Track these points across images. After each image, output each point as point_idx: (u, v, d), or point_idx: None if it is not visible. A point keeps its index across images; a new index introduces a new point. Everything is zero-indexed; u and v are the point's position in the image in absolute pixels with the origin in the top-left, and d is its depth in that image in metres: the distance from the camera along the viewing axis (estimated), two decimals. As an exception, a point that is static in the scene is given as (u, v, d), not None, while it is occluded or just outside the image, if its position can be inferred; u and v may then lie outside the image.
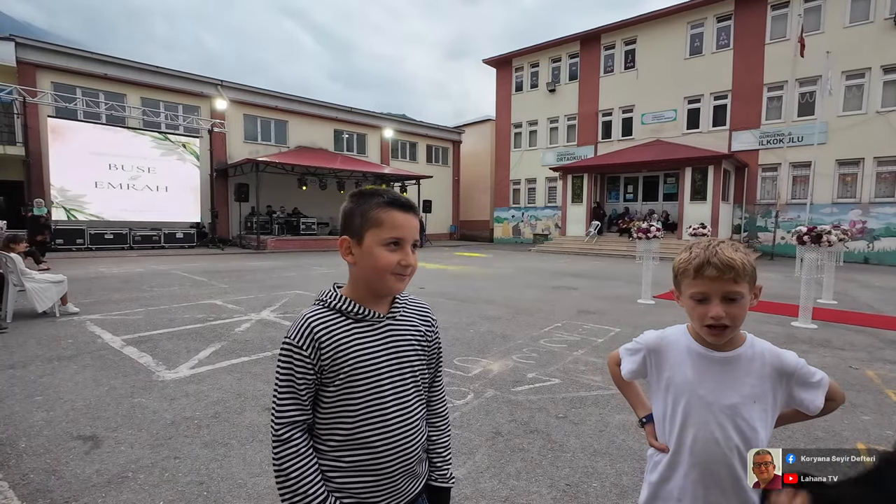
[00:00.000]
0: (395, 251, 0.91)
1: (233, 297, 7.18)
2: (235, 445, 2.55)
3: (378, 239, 0.91)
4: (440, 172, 26.92)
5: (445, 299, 7.17)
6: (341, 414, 0.91)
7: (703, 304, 0.99)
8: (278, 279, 9.34)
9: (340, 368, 0.90)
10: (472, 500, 2.11)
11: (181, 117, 17.86)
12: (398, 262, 0.91)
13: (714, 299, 0.97)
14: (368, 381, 0.91)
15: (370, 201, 0.93)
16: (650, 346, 1.11)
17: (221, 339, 4.71)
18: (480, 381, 3.65)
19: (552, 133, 23.70)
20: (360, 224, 0.92)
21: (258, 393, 3.31)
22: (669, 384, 1.07)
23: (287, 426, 0.89)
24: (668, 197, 19.32)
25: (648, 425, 1.15)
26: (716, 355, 1.02)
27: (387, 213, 0.92)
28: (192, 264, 11.98)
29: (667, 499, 1.08)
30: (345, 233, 0.95)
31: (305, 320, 0.91)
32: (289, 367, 0.89)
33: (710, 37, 18.51)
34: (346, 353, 0.90)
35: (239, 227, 19.37)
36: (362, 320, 0.94)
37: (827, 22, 16.09)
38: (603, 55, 21.63)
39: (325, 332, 0.90)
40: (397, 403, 0.95)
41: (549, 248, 19.49)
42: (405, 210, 0.94)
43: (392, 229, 0.91)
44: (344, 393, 0.91)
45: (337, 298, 0.94)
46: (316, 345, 0.89)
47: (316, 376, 0.90)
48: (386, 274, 0.92)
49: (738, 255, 0.97)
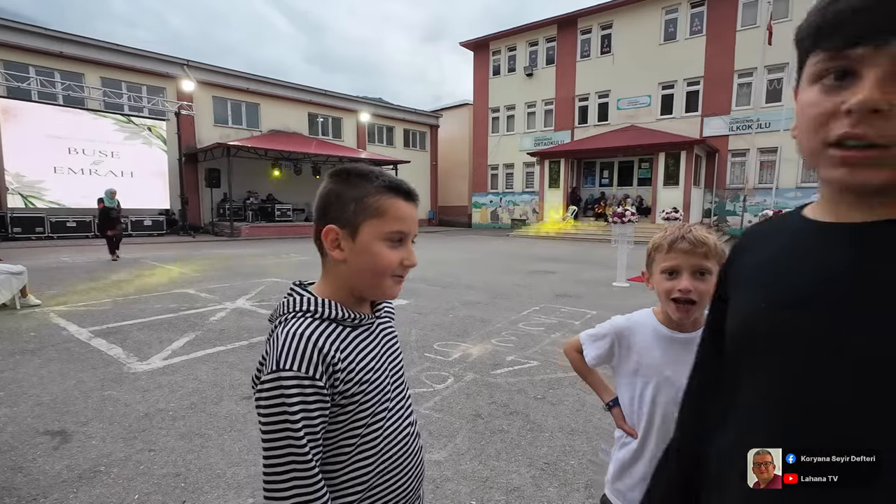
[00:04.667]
0: (396, 248, 0.77)
1: (206, 285, 7.00)
2: (213, 436, 2.52)
3: (379, 232, 0.75)
4: (418, 157, 26.67)
5: (426, 285, 7.18)
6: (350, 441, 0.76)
7: (673, 278, 1.03)
8: (254, 267, 9.14)
9: (353, 392, 0.74)
10: (453, 481, 2.14)
11: (145, 99, 17.05)
12: (400, 262, 0.77)
13: (684, 273, 1.02)
14: (378, 397, 0.78)
15: (367, 185, 0.76)
16: (618, 331, 1.14)
17: (196, 329, 4.59)
18: (460, 364, 3.69)
19: (529, 118, 23.70)
20: (355, 212, 0.75)
21: (235, 382, 3.26)
22: (639, 367, 1.10)
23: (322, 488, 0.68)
24: (643, 182, 19.69)
25: (615, 409, 1.18)
26: (681, 336, 1.06)
27: (390, 202, 0.76)
28: (162, 252, 11.60)
29: (633, 477, 1.12)
30: (331, 221, 0.76)
31: (307, 340, 0.70)
32: (300, 406, 0.67)
33: (684, 22, 18.71)
34: (357, 370, 0.75)
35: (211, 214, 18.79)
36: (359, 326, 0.79)
37: (795, 10, 16.45)
38: (580, 39, 21.63)
39: (334, 351, 0.72)
40: (406, 412, 0.86)
41: (526, 232, 19.67)
42: (409, 199, 0.78)
43: (396, 221, 0.76)
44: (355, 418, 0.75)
45: (328, 306, 0.75)
46: (329, 369, 0.70)
47: (330, 410, 0.71)
48: (386, 276, 0.77)
49: (710, 236, 1.04)
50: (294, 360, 0.68)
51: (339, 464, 0.75)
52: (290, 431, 0.66)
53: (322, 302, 0.76)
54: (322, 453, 0.73)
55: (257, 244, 14.62)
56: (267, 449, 0.67)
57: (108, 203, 9.90)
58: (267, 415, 0.67)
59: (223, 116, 19.97)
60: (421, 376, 3.42)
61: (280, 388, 0.67)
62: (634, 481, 1.12)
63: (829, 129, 0.45)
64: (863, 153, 0.43)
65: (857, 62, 0.44)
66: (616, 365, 1.16)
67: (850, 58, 0.44)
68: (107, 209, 9.85)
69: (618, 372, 1.16)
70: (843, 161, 0.45)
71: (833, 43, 0.45)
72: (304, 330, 0.71)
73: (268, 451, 0.67)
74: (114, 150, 16.26)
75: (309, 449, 0.67)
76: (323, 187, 0.79)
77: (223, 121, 19.93)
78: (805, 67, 0.49)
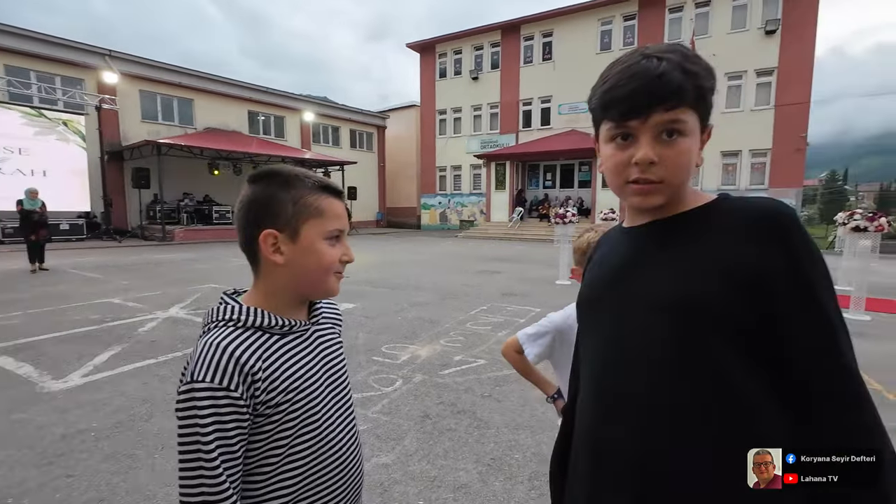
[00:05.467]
0: (335, 245, 0.79)
1: (135, 294, 6.49)
2: (142, 456, 2.35)
3: (321, 231, 0.76)
4: (365, 158, 26.27)
5: (374, 287, 7.10)
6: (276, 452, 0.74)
7: None
8: (190, 272, 8.60)
9: (277, 402, 0.72)
10: (401, 483, 2.15)
11: (59, 90, 15.49)
12: (340, 258, 0.79)
13: None
14: (308, 406, 0.76)
15: (301, 186, 0.76)
16: (558, 327, 1.21)
17: (122, 342, 4.26)
18: (409, 367, 3.69)
19: (476, 121, 24.09)
20: (294, 214, 0.75)
21: (168, 397, 3.06)
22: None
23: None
24: (583, 184, 20.64)
25: (559, 401, 1.25)
26: None
27: (328, 201, 0.77)
28: (82, 259, 10.61)
29: None
30: (267, 226, 0.74)
31: (223, 350, 0.68)
32: (212, 418, 0.65)
33: (618, 34, 19.85)
34: (282, 379, 0.73)
35: (140, 217, 17.37)
36: (289, 333, 0.77)
37: (713, 27, 17.98)
38: (523, 45, 22.29)
39: (255, 360, 0.70)
40: (343, 422, 0.83)
41: (474, 233, 19.97)
42: (339, 196, 0.81)
43: (334, 219, 0.78)
44: (280, 428, 0.73)
45: (252, 313, 0.74)
46: (248, 379, 0.68)
47: (250, 421, 0.70)
48: (330, 273, 0.78)
49: None
50: (208, 371, 0.66)
51: (264, 474, 0.73)
52: (200, 445, 0.64)
53: (248, 310, 0.74)
54: (244, 464, 0.71)
55: (193, 248, 13.75)
56: (180, 462, 0.66)
57: (29, 205, 8.73)
58: (180, 427, 0.66)
59: (152, 112, 18.59)
60: (368, 380, 3.39)
61: (192, 401, 0.65)
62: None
63: (626, 173, 0.66)
64: (647, 187, 0.65)
65: (632, 129, 0.64)
66: (557, 360, 1.21)
67: (628, 127, 0.64)
68: (27, 212, 8.69)
69: (559, 366, 1.22)
70: (636, 192, 0.67)
71: (615, 117, 0.65)
72: (223, 340, 0.70)
73: (180, 463, 0.66)
74: (22, 147, 14.60)
75: (220, 463, 0.65)
76: (248, 193, 0.77)
77: (152, 117, 18.55)
78: (601, 129, 0.70)
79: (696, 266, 0.62)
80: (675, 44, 0.66)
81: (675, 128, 0.62)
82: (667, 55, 0.63)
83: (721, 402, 0.59)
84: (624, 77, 0.63)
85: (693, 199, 0.69)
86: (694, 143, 0.65)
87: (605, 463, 0.67)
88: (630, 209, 0.74)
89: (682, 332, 0.61)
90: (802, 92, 16.62)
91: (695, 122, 0.64)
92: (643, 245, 0.71)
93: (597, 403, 0.70)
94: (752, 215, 0.62)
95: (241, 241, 0.78)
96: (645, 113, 0.62)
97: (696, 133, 0.65)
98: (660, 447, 0.61)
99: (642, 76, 0.62)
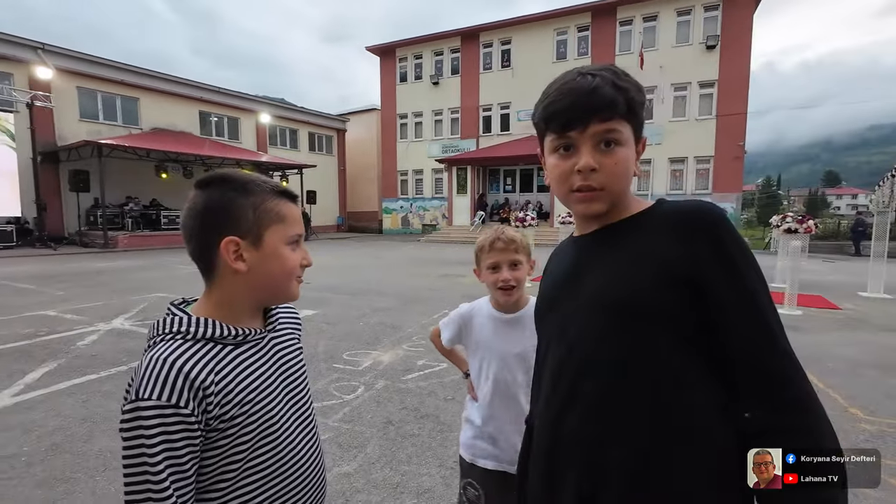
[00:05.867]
0: (296, 250, 0.78)
1: (73, 305, 6.04)
2: (82, 479, 2.19)
3: (283, 236, 0.76)
4: (324, 161, 25.75)
5: (335, 293, 6.96)
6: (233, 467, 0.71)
7: (496, 272, 1.28)
8: (135, 281, 8.10)
9: (232, 416, 0.69)
10: (363, 492, 2.11)
11: (-15, 86, 14.25)
12: (301, 262, 0.79)
13: (503, 266, 1.27)
14: (266, 418, 0.73)
15: (259, 191, 0.74)
16: (464, 317, 1.38)
17: (58, 357, 3.95)
18: (371, 373, 3.65)
19: (437, 125, 24.20)
20: (256, 220, 0.73)
21: (111, 414, 2.86)
22: (478, 344, 1.35)
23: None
24: (542, 188, 21.18)
25: (468, 379, 1.42)
26: (507, 317, 1.32)
27: (286, 206, 0.77)
28: (12, 268, 9.74)
29: (483, 438, 1.33)
30: (228, 233, 0.72)
31: (171, 365, 0.65)
32: (160, 438, 0.62)
33: (573, 44, 20.58)
34: (236, 392, 0.70)
35: (78, 223, 16.20)
36: (243, 343, 0.75)
37: (660, 40, 18.99)
38: (482, 52, 22.65)
39: (205, 374, 0.67)
40: (303, 431, 0.81)
41: (437, 237, 20.02)
42: (295, 201, 0.81)
43: (294, 224, 0.78)
44: (236, 442, 0.70)
45: (202, 324, 0.71)
46: (199, 394, 0.65)
47: (202, 438, 0.66)
48: (292, 278, 0.78)
49: (517, 234, 1.31)
50: (155, 388, 0.63)
51: (220, 490, 0.71)
52: (147, 467, 0.61)
53: (196, 320, 0.71)
54: (199, 481, 0.69)
55: (139, 255, 12.97)
56: (126, 485, 0.62)
57: None
58: (125, 448, 0.62)
59: (92, 111, 17.41)
60: (329, 388, 3.32)
61: (138, 420, 0.62)
62: (480, 435, 1.34)
63: (570, 182, 0.71)
64: (590, 194, 0.70)
65: (573, 140, 0.69)
66: (466, 343, 1.40)
67: (569, 137, 0.70)
68: None
69: (467, 349, 1.40)
70: (580, 200, 0.71)
71: (556, 128, 0.71)
72: (170, 354, 0.66)
73: (126, 486, 0.62)
74: (-61, 146, 13.32)
75: (170, 484, 0.62)
76: (200, 199, 0.73)
77: (92, 116, 17.38)
78: (545, 142, 0.75)
79: (632, 266, 0.67)
80: (607, 64, 0.73)
81: (612, 137, 0.68)
82: (600, 73, 0.69)
83: (658, 387, 0.64)
84: (563, 92, 0.70)
85: (635, 206, 0.74)
86: (630, 153, 0.70)
87: (562, 446, 0.72)
88: (578, 219, 0.80)
89: (620, 329, 0.66)
90: (740, 103, 17.85)
91: (629, 133, 0.70)
92: (589, 251, 0.76)
93: (554, 397, 0.74)
94: (681, 216, 0.67)
95: (194, 250, 0.75)
96: (583, 123, 0.68)
97: (630, 143, 0.70)
98: (608, 430, 0.67)
99: (578, 91, 0.68)
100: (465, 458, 1.37)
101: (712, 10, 18.03)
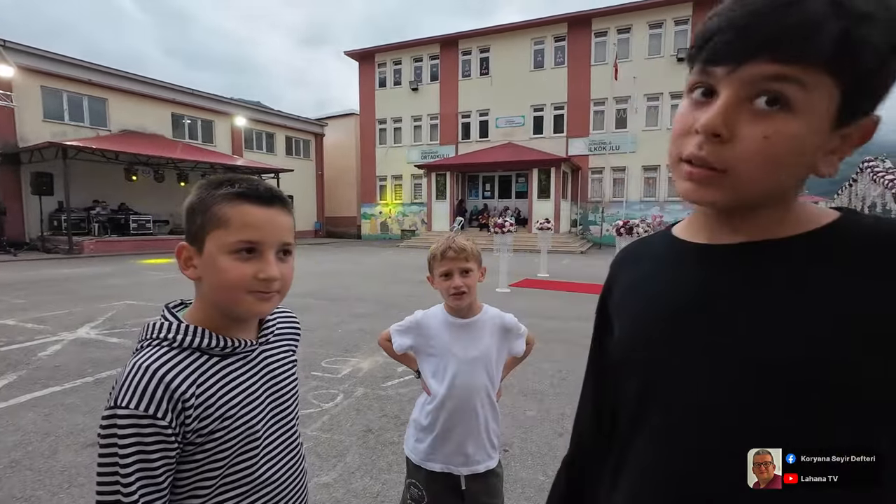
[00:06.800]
0: (249, 260, 0.67)
1: (34, 313, 5.77)
2: (44, 497, 2.08)
3: (222, 244, 0.66)
4: (302, 166, 25.41)
5: (314, 299, 6.85)
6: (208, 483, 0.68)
7: (448, 279, 1.32)
8: (101, 288, 7.79)
9: (212, 430, 0.66)
10: (343, 502, 2.08)
11: (-60, 83, 13.53)
12: (254, 276, 0.67)
13: (455, 273, 1.31)
14: (246, 434, 0.70)
15: (215, 192, 0.68)
16: (418, 322, 1.41)
17: (17, 369, 3.76)
18: (350, 380, 3.60)
19: (416, 131, 24.24)
20: (202, 224, 0.67)
21: (76, 428, 2.74)
22: (434, 349, 1.38)
23: None
24: (520, 195, 21.41)
25: (421, 379, 1.45)
26: (461, 322, 1.37)
27: (235, 208, 0.66)
28: (-34, 276, 9.24)
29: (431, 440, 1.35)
30: (186, 238, 0.70)
31: (152, 374, 0.62)
32: (134, 448, 0.59)
33: (550, 54, 20.96)
34: (218, 405, 0.66)
35: (41, 227, 15.50)
36: (232, 354, 0.70)
37: (633, 52, 19.56)
38: (461, 60, 22.85)
39: (187, 386, 0.64)
40: (286, 446, 0.78)
41: (416, 243, 19.96)
42: (264, 203, 0.68)
43: (241, 230, 0.66)
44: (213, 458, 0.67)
45: (190, 332, 0.67)
46: (178, 406, 0.62)
47: (178, 450, 0.64)
48: (240, 293, 0.67)
49: (468, 243, 1.34)
50: (133, 396, 0.60)
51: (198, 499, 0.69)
52: (118, 476, 0.60)
53: (185, 328, 0.68)
54: (174, 493, 0.67)
55: (107, 261, 12.49)
56: (97, 493, 0.61)
57: None
58: (100, 455, 0.61)
59: (57, 111, 16.74)
60: (308, 397, 3.26)
61: (113, 428, 0.60)
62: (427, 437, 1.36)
63: (685, 144, 0.46)
64: (702, 172, 0.44)
65: (716, 81, 0.43)
66: (416, 349, 1.43)
67: (712, 75, 0.43)
68: None
69: (421, 353, 1.43)
70: (686, 177, 0.46)
71: (700, 57, 0.44)
72: (153, 362, 0.64)
73: (98, 496, 0.61)
74: None
75: (139, 497, 0.60)
76: (186, 201, 0.72)
77: (57, 116, 16.71)
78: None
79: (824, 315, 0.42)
80: None
81: (780, 90, 0.40)
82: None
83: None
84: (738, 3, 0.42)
85: (806, 216, 0.47)
86: (810, 129, 0.41)
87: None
88: (703, 212, 0.51)
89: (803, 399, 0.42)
90: (709, 114, 18.50)
91: (825, 93, 0.40)
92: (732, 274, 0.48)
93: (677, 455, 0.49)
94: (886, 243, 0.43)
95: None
96: (736, 58, 0.41)
97: (820, 113, 0.41)
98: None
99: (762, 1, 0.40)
100: (411, 458, 1.40)
101: (682, 24, 18.68)
